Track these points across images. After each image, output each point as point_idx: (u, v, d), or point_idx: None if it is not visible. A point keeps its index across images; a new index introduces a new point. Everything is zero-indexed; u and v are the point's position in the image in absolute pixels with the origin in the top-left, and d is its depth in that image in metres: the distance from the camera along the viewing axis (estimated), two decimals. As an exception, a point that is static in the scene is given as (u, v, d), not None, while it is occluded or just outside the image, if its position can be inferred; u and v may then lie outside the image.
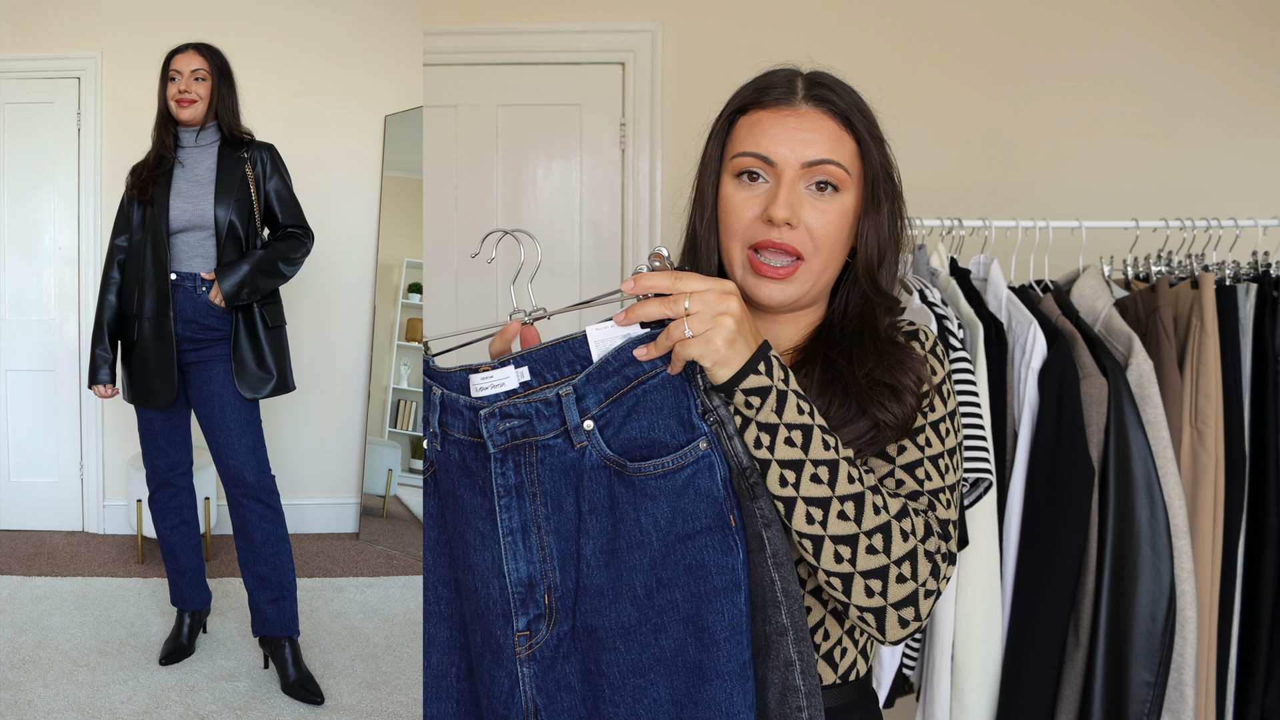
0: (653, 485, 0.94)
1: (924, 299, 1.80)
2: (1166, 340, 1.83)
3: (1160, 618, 1.68)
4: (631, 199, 2.76)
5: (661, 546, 0.94)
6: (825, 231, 1.05)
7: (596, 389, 0.94)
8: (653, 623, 0.94)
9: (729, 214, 1.08)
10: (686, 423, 0.94)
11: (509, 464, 0.96)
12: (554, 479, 0.96)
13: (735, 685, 0.92)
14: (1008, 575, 1.77)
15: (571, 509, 0.96)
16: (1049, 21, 2.67)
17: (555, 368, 0.96)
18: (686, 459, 0.94)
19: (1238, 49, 2.65)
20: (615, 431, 0.95)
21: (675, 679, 0.94)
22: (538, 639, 0.96)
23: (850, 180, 1.06)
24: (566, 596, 0.96)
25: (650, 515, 0.94)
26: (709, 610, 0.93)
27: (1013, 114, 2.67)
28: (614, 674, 0.95)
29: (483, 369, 0.97)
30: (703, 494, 0.93)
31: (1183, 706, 1.71)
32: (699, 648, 0.93)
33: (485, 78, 2.79)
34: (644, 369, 0.94)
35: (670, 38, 2.73)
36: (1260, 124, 2.66)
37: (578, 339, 0.96)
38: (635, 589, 0.94)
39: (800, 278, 1.06)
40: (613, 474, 0.95)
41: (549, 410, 0.94)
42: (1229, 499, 1.81)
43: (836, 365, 1.06)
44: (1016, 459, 1.77)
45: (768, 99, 1.08)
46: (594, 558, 0.95)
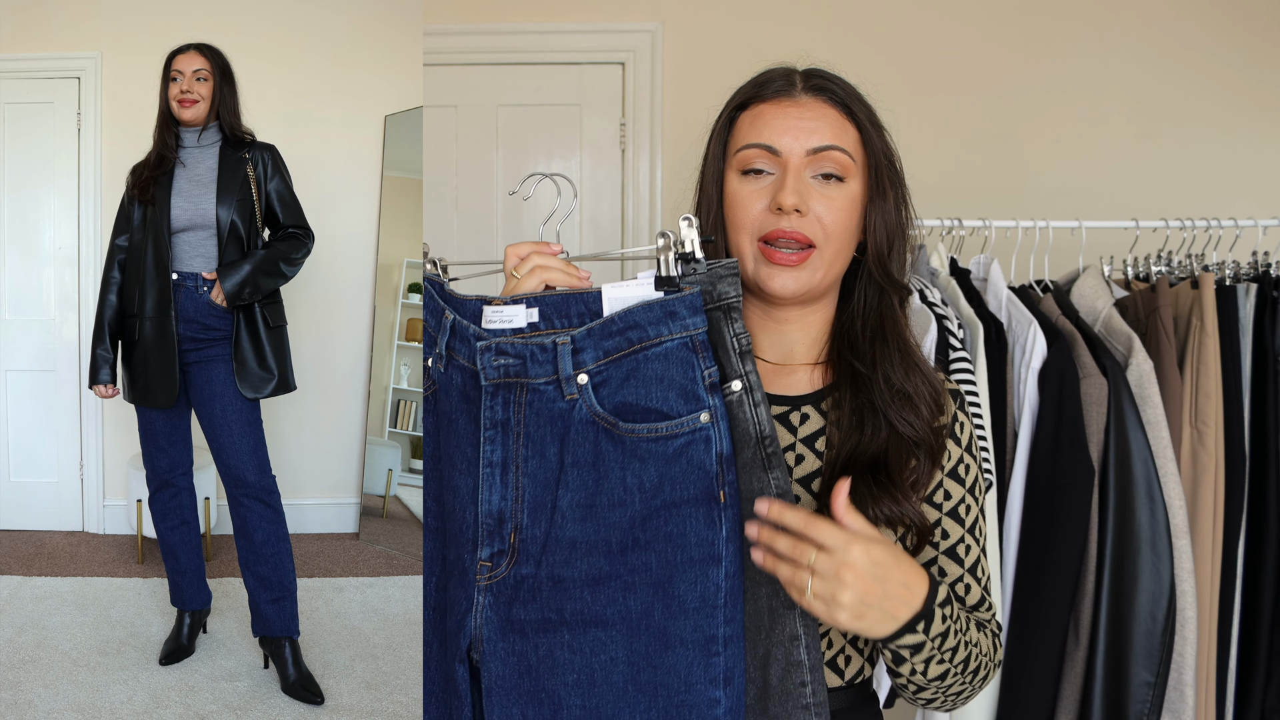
0: (643, 448, 0.93)
1: (924, 299, 1.80)
2: (1166, 340, 1.84)
3: (1160, 618, 1.68)
4: (631, 199, 2.76)
5: (643, 508, 0.94)
6: (835, 219, 1.05)
7: (597, 345, 0.94)
8: (623, 579, 0.94)
9: (736, 209, 1.07)
10: (690, 394, 0.93)
11: (499, 399, 0.96)
12: (540, 424, 0.96)
13: (697, 656, 0.92)
14: (1008, 575, 1.77)
15: (554, 458, 0.95)
16: (1049, 22, 2.67)
17: (565, 315, 0.96)
18: (682, 428, 0.93)
19: (1237, 50, 2.65)
20: (612, 391, 0.94)
21: (636, 640, 0.94)
22: (498, 573, 0.97)
23: (855, 167, 1.06)
24: (531, 544, 0.96)
25: (636, 476, 0.93)
26: (682, 579, 0.93)
27: (1013, 114, 2.67)
28: (576, 622, 0.95)
29: (495, 302, 0.98)
30: (694, 465, 0.93)
31: (1183, 706, 1.71)
32: (665, 613, 0.93)
33: (485, 78, 2.79)
34: (648, 335, 0.93)
35: (670, 38, 2.73)
36: (1260, 124, 2.66)
37: (594, 293, 0.96)
38: (610, 544, 0.94)
39: (812, 265, 1.05)
40: (601, 430, 0.94)
41: (544, 355, 0.94)
42: (1229, 499, 1.81)
43: (863, 381, 1.06)
44: (1016, 459, 1.77)
45: (767, 92, 1.08)
46: (570, 510, 0.95)
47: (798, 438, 1.09)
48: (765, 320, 1.12)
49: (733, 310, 0.97)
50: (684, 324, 0.93)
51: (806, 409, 1.10)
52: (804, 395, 1.11)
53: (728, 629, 0.93)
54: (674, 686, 0.92)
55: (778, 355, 1.13)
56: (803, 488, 1.07)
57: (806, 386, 1.12)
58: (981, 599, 1.11)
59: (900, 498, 1.02)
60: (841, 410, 1.07)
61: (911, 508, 1.03)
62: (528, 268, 1.00)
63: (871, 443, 1.04)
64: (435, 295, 1.04)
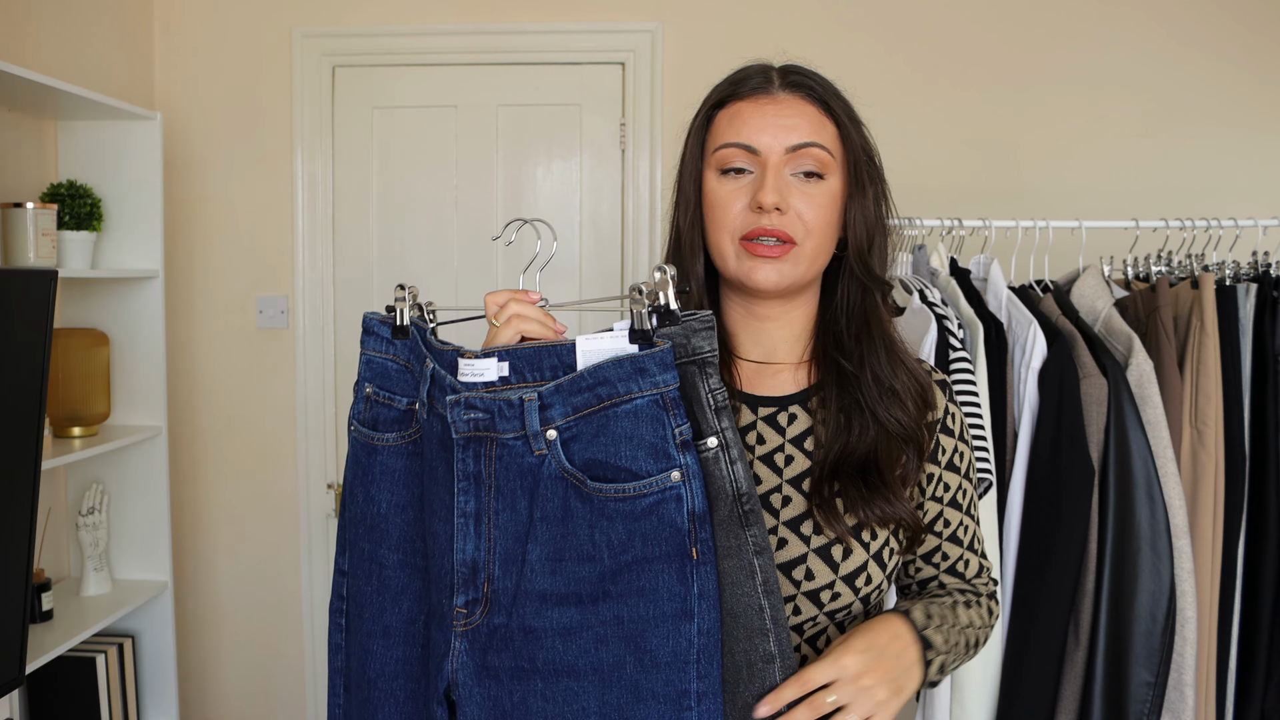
0: (610, 506, 0.92)
1: (924, 299, 1.80)
2: (1166, 340, 1.83)
3: (1160, 618, 1.68)
4: (631, 199, 2.76)
5: (612, 564, 0.93)
6: (815, 216, 1.04)
7: (565, 401, 0.93)
8: (595, 631, 0.93)
9: (716, 208, 1.06)
10: (660, 452, 0.92)
11: (469, 452, 0.95)
12: (510, 478, 0.95)
13: (669, 710, 0.92)
14: (1008, 575, 1.77)
15: (525, 512, 0.95)
16: (1049, 22, 2.67)
17: (537, 369, 0.95)
18: (651, 488, 0.92)
19: (1237, 49, 2.65)
20: (583, 446, 0.93)
21: (608, 693, 0.93)
22: (472, 620, 0.96)
23: (834, 164, 1.06)
24: (504, 594, 0.96)
25: (604, 534, 0.93)
26: (654, 633, 0.92)
27: (1013, 114, 2.67)
28: (549, 671, 0.94)
29: (467, 355, 0.96)
30: (665, 523, 0.92)
31: (1183, 706, 1.71)
32: (638, 668, 0.92)
33: (485, 78, 2.78)
34: (617, 391, 0.92)
35: (670, 38, 2.73)
36: (1260, 124, 2.66)
37: (567, 346, 0.94)
38: (581, 596, 0.94)
39: (794, 259, 1.05)
40: (570, 486, 0.93)
41: (510, 411, 0.93)
42: (1229, 499, 1.81)
43: (849, 379, 1.07)
44: (1016, 459, 1.77)
45: (744, 90, 1.07)
46: (539, 563, 0.94)
47: (786, 438, 1.09)
48: (747, 319, 1.12)
49: (708, 365, 0.95)
50: (654, 380, 0.91)
51: (794, 409, 1.10)
52: (790, 395, 1.11)
53: (701, 684, 0.92)
54: None
55: (760, 354, 1.13)
56: (793, 487, 1.07)
57: (792, 386, 1.12)
58: (980, 568, 1.17)
59: (892, 498, 1.03)
60: (829, 409, 1.07)
61: (904, 506, 1.04)
62: (505, 316, 0.99)
63: (860, 442, 1.05)
64: (420, 342, 1.03)
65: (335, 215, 2.81)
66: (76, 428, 2.25)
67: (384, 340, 1.07)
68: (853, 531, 1.04)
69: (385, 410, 1.06)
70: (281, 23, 2.77)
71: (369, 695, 1.06)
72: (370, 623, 1.06)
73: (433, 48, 2.77)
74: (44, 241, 2.11)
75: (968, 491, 1.16)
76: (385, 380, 1.07)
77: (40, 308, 1.68)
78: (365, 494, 1.07)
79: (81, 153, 2.37)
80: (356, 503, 1.09)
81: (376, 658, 1.06)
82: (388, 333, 1.06)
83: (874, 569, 1.05)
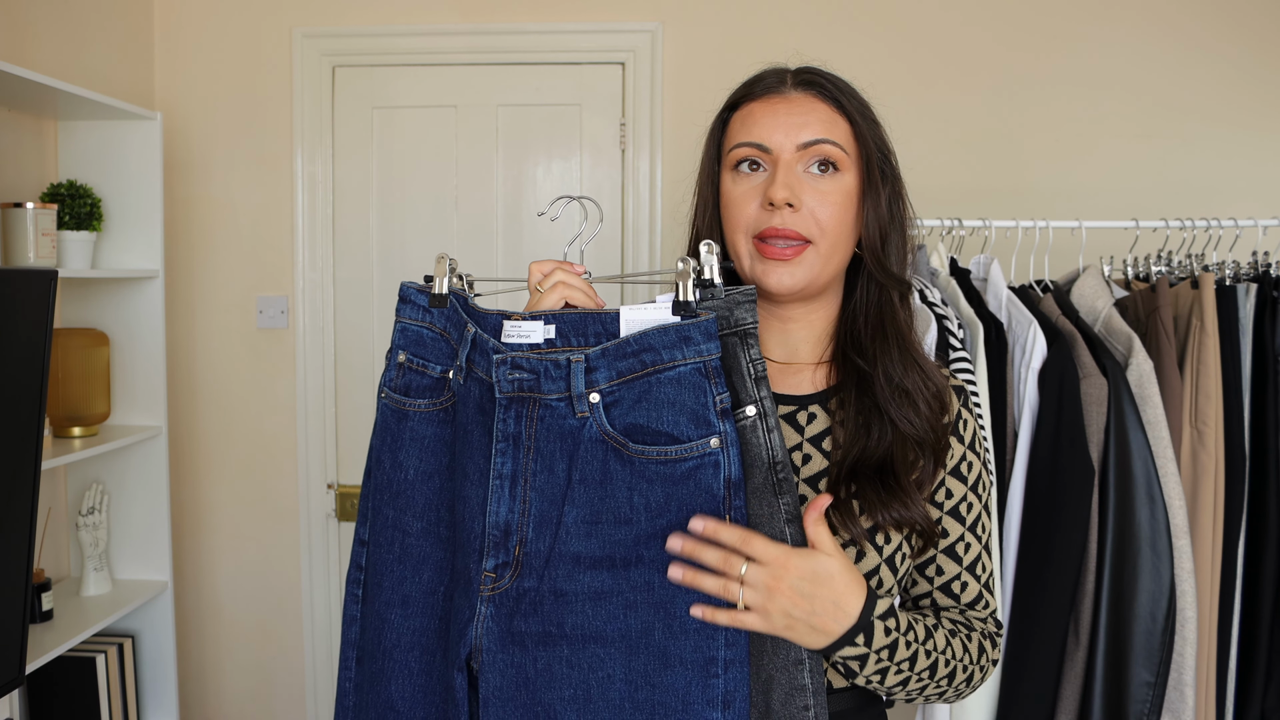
0: (651, 469, 0.94)
1: (924, 299, 1.80)
2: (1166, 340, 1.83)
3: (1160, 618, 1.68)
4: (631, 199, 2.76)
5: (648, 527, 0.94)
6: (829, 214, 1.04)
7: (610, 365, 0.95)
8: (625, 596, 0.94)
9: (730, 207, 1.07)
10: (700, 419, 0.94)
11: (511, 413, 0.97)
12: (550, 439, 0.97)
13: (696, 676, 0.93)
14: (1008, 575, 1.77)
15: (562, 474, 0.96)
16: (1049, 22, 2.67)
17: (582, 334, 0.98)
18: (691, 452, 0.94)
19: (1238, 49, 2.65)
20: (624, 411, 0.95)
21: (635, 659, 0.94)
22: (501, 584, 0.97)
23: (849, 160, 1.06)
24: (535, 557, 0.96)
25: (643, 496, 0.94)
26: (683, 599, 0.93)
27: (1013, 114, 2.67)
28: (576, 637, 0.95)
29: (514, 317, 0.99)
30: (701, 488, 0.94)
31: (1183, 706, 1.71)
32: (666, 633, 0.93)
33: (485, 78, 2.78)
34: (661, 358, 0.94)
35: (670, 38, 2.73)
36: (1260, 124, 2.66)
37: (611, 314, 0.97)
38: (614, 560, 0.95)
39: (807, 260, 1.05)
40: (610, 449, 0.95)
41: (557, 372, 0.95)
42: (1229, 499, 1.81)
43: (867, 381, 1.07)
44: (1016, 459, 1.77)
45: (758, 90, 1.09)
46: (575, 526, 0.95)
47: (805, 437, 1.09)
48: (769, 319, 1.12)
49: (749, 336, 0.98)
50: (698, 349, 0.94)
51: (814, 408, 1.10)
52: (810, 395, 1.11)
53: (729, 652, 0.93)
54: (671, 706, 0.93)
55: (782, 354, 1.13)
56: (809, 487, 1.07)
57: (812, 386, 1.12)
58: (979, 596, 1.11)
59: (909, 502, 1.02)
60: (847, 410, 1.07)
61: (919, 510, 1.03)
62: (550, 283, 1.01)
63: (879, 445, 1.04)
64: (459, 309, 1.05)
65: (335, 215, 2.81)
66: (76, 428, 2.25)
67: (420, 309, 1.09)
68: (867, 534, 1.03)
69: (418, 377, 1.08)
70: (281, 23, 2.77)
71: (382, 666, 1.07)
72: (390, 591, 1.07)
73: (433, 48, 2.77)
74: (44, 241, 2.11)
75: (974, 507, 1.11)
76: (419, 348, 1.09)
77: (40, 308, 1.68)
78: (393, 460, 1.08)
79: (81, 153, 2.37)
80: (383, 469, 1.09)
81: (393, 627, 1.07)
82: (424, 301, 1.09)
83: (885, 573, 1.05)
